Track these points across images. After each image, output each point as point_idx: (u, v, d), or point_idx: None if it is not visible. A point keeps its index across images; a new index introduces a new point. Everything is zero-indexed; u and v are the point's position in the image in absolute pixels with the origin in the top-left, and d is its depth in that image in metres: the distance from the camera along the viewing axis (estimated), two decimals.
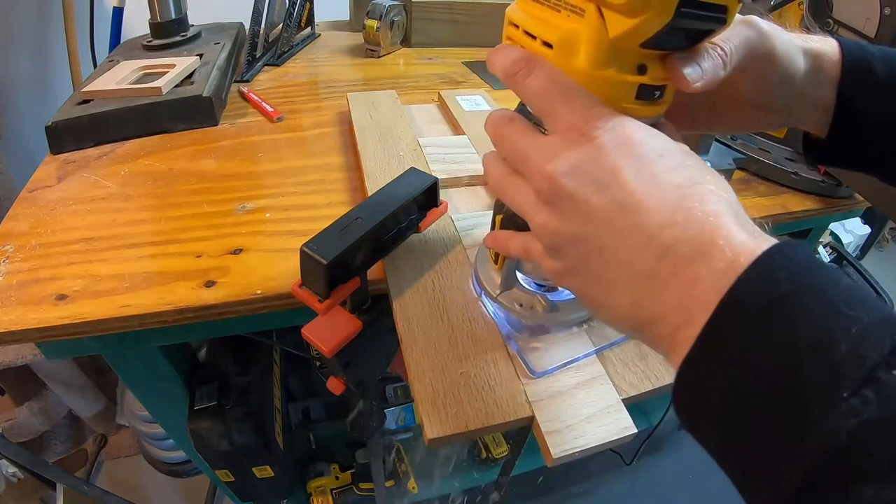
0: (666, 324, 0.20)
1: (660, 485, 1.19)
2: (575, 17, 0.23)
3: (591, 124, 0.22)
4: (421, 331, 0.35)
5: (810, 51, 0.30)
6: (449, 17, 0.92)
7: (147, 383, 0.56)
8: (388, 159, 0.52)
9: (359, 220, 0.36)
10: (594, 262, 0.23)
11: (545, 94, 0.24)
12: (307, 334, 0.35)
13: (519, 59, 0.25)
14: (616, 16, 0.21)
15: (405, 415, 1.01)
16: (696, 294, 0.19)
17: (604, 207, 0.22)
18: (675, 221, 0.20)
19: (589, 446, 0.30)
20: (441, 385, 0.32)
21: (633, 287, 0.21)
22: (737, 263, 0.19)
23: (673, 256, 0.20)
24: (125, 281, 0.41)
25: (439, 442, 0.30)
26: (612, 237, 0.22)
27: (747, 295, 0.18)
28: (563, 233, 0.23)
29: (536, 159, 0.24)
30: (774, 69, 0.28)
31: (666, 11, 0.21)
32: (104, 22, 1.04)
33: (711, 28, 0.23)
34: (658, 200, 0.21)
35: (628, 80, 0.23)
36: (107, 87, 0.61)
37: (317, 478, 0.96)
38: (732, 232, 0.20)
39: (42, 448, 1.08)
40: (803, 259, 0.19)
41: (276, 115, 0.66)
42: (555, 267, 0.25)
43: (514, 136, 0.25)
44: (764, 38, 0.27)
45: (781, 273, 0.18)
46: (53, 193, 0.51)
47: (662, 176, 0.21)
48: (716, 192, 0.21)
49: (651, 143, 0.22)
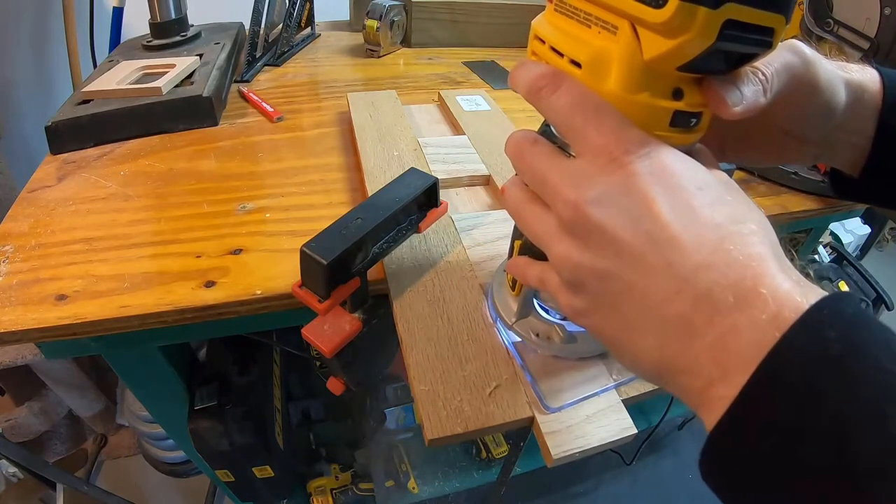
0: (698, 376, 0.19)
1: (660, 485, 1.19)
2: (606, 35, 0.21)
3: (624, 148, 0.20)
4: (421, 331, 0.35)
5: (851, 82, 0.28)
6: (449, 17, 0.92)
7: (147, 383, 0.56)
8: (388, 159, 0.52)
9: (359, 221, 0.36)
10: (620, 301, 0.21)
11: (573, 113, 0.22)
12: (307, 334, 0.35)
13: (545, 73, 0.23)
14: (653, 36, 0.20)
15: (405, 415, 1.01)
16: (735, 347, 0.18)
17: (634, 242, 0.20)
18: (713, 263, 0.18)
19: (589, 447, 0.30)
20: (441, 385, 0.32)
21: (663, 333, 0.19)
22: (781, 317, 0.17)
23: (710, 302, 0.18)
24: (125, 281, 0.41)
25: (439, 442, 0.30)
26: (642, 276, 0.20)
27: (793, 356, 0.16)
28: (585, 266, 0.21)
29: (560, 184, 0.22)
30: (816, 100, 0.26)
31: (709, 33, 0.19)
32: (104, 22, 1.04)
33: (755, 52, 0.21)
34: (695, 238, 0.19)
35: (663, 105, 0.22)
36: (107, 87, 0.61)
37: (317, 478, 0.96)
38: (777, 280, 0.18)
39: (42, 448, 1.08)
40: (853, 315, 0.17)
41: (276, 115, 0.66)
42: (573, 303, 0.23)
43: (537, 159, 0.23)
44: (808, 65, 0.25)
45: (831, 332, 0.16)
46: (53, 194, 0.51)
47: (701, 211, 0.19)
48: (758, 232, 0.19)
49: (689, 174, 0.20)
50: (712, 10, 0.18)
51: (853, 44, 0.58)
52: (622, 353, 0.22)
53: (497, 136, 0.58)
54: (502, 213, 0.47)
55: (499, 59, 0.91)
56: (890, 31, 0.54)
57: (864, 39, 0.57)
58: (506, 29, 0.95)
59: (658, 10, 0.19)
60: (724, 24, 0.18)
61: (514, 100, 0.73)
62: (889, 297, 1.25)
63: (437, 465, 1.02)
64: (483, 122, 0.61)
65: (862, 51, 0.57)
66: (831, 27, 0.60)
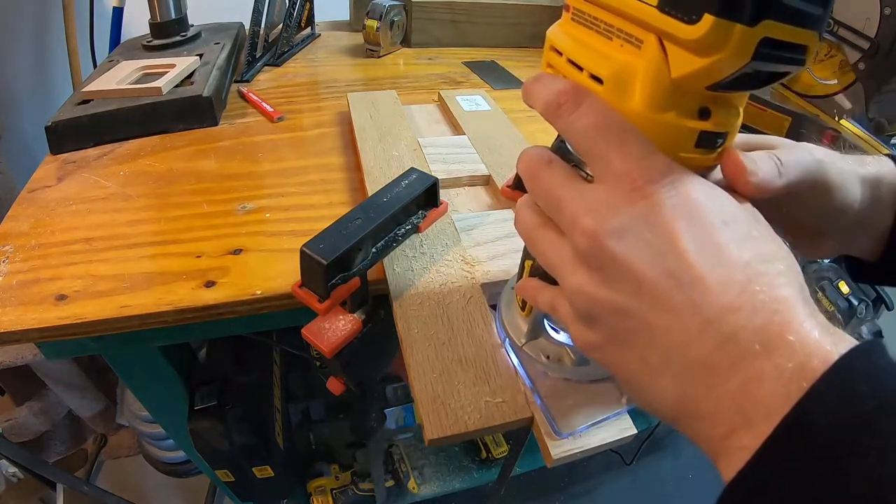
0: (718, 423, 0.18)
1: (660, 485, 1.19)
2: (630, 49, 0.20)
3: (648, 177, 0.19)
4: (421, 331, 0.35)
5: (867, 177, 0.27)
6: (449, 17, 0.92)
7: (147, 383, 0.56)
8: (388, 159, 0.52)
9: (359, 221, 0.36)
10: (637, 339, 0.20)
11: (595, 135, 0.20)
12: (307, 334, 0.35)
13: (565, 89, 0.21)
14: (682, 53, 0.18)
15: (405, 415, 1.01)
16: (759, 396, 0.17)
17: (657, 280, 0.19)
18: (740, 306, 0.17)
19: (589, 447, 0.30)
20: (441, 385, 0.32)
21: (683, 375, 0.18)
22: (809, 366, 0.16)
23: (734, 346, 0.17)
24: (125, 281, 0.41)
25: (439, 442, 0.30)
26: (663, 315, 0.19)
27: (822, 410, 0.16)
28: (601, 301, 0.20)
29: (579, 212, 0.20)
30: (831, 198, 0.26)
31: (744, 52, 0.17)
32: (104, 22, 1.04)
33: (788, 71, 0.19)
34: (721, 278, 0.18)
35: (689, 125, 0.20)
36: (107, 87, 0.61)
37: (317, 478, 0.96)
38: (805, 327, 0.17)
39: (42, 448, 1.08)
40: (886, 367, 0.16)
41: (277, 115, 0.66)
42: (585, 337, 0.22)
43: (553, 182, 0.22)
44: (822, 165, 0.25)
45: (863, 386, 0.16)
46: (53, 193, 0.51)
47: (728, 248, 0.18)
48: (786, 273, 0.18)
49: (716, 207, 0.19)
50: (750, 27, 0.17)
51: (853, 44, 0.58)
52: (636, 391, 0.21)
53: (497, 136, 0.58)
54: (502, 213, 0.47)
55: (499, 59, 0.91)
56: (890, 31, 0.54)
57: (864, 39, 0.57)
58: (506, 29, 0.95)
59: (691, 27, 0.17)
60: (760, 43, 0.17)
61: (514, 100, 0.73)
62: (889, 297, 1.25)
63: (437, 465, 1.02)
64: (483, 122, 0.61)
65: (862, 51, 0.57)
66: (831, 27, 0.60)
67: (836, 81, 0.63)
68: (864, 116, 0.60)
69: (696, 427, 0.19)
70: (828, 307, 1.27)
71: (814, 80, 0.66)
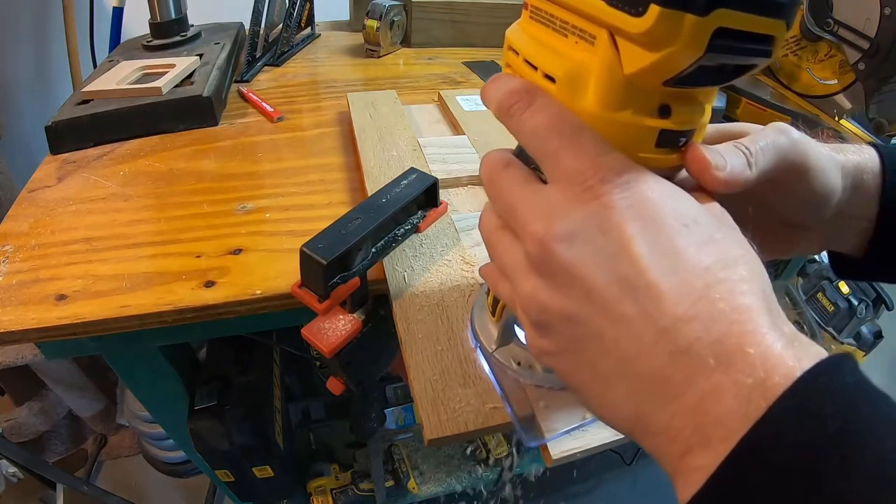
0: (674, 441, 0.17)
1: (660, 485, 1.19)
2: (584, 46, 0.19)
3: (601, 176, 0.18)
4: (421, 331, 0.35)
5: (848, 164, 0.26)
6: (449, 17, 0.92)
7: (147, 383, 0.56)
8: (387, 159, 0.52)
9: (358, 221, 0.36)
10: (589, 349, 0.19)
11: (546, 134, 0.19)
12: (307, 334, 0.35)
13: (517, 89, 0.21)
14: (633, 47, 0.17)
15: (405, 415, 1.01)
16: (716, 414, 0.16)
17: (607, 287, 0.18)
18: (696, 315, 0.16)
19: (589, 447, 0.30)
20: (441, 385, 0.32)
21: (636, 388, 0.17)
22: (770, 383, 0.15)
23: (690, 359, 0.16)
24: (125, 281, 0.41)
25: (439, 442, 0.30)
26: (614, 324, 0.18)
27: (782, 432, 0.15)
28: (553, 309, 0.19)
29: (528, 216, 0.19)
30: (809, 183, 0.24)
31: (697, 44, 0.16)
32: (104, 22, 1.04)
33: (752, 63, 0.18)
34: (678, 285, 0.17)
35: (648, 124, 0.19)
36: (107, 87, 0.61)
37: (317, 478, 0.96)
38: (767, 338, 0.16)
39: (42, 448, 1.08)
40: (853, 386, 0.15)
41: (276, 115, 0.66)
42: (539, 343, 0.21)
43: (508, 185, 0.21)
44: (796, 145, 0.23)
45: (827, 406, 0.15)
46: (53, 193, 0.51)
47: (685, 253, 0.17)
48: (749, 279, 0.17)
49: (674, 208, 0.18)
50: (701, 17, 0.16)
51: (853, 44, 0.58)
52: (593, 405, 0.20)
53: (497, 136, 0.58)
54: None
55: (499, 59, 0.91)
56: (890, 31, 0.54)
57: (864, 39, 0.57)
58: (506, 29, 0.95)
59: (637, 19, 0.16)
60: (714, 34, 0.16)
61: None
62: (889, 297, 1.25)
63: (437, 465, 1.02)
64: (483, 122, 0.61)
65: (862, 51, 0.57)
66: (831, 27, 0.60)
67: (836, 81, 0.63)
68: (864, 116, 0.60)
69: (652, 442, 0.18)
70: (828, 307, 1.27)
71: (814, 80, 0.66)
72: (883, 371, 1.52)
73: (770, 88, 0.70)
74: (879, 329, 1.30)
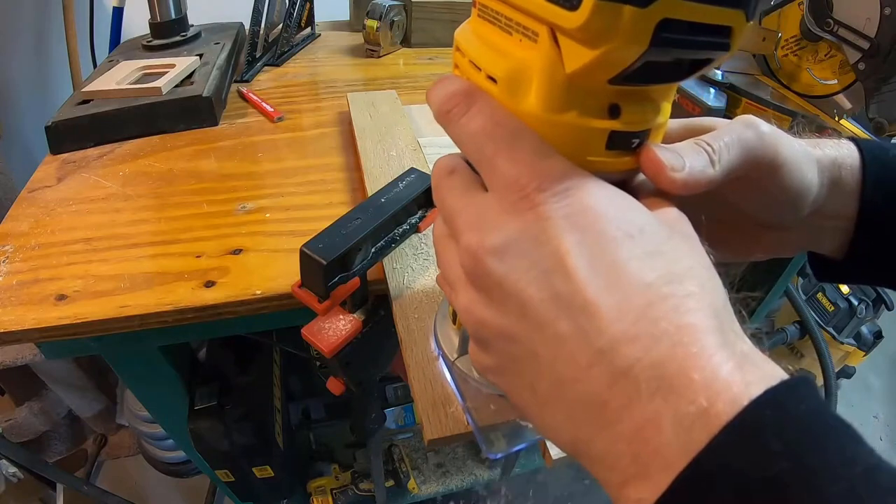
0: (614, 469, 0.16)
1: None
2: (528, 44, 0.17)
3: (538, 183, 0.17)
4: (421, 331, 0.35)
5: (824, 159, 0.25)
6: (449, 17, 0.92)
7: (147, 383, 0.56)
8: (387, 159, 0.52)
9: (358, 221, 0.36)
10: (526, 368, 0.18)
11: (483, 138, 0.18)
12: (307, 335, 0.35)
13: (456, 92, 0.19)
14: (572, 44, 0.16)
15: (405, 415, 1.01)
16: (655, 444, 0.14)
17: (542, 303, 0.16)
18: (636, 335, 0.15)
19: None
20: (441, 385, 0.32)
21: (573, 411, 0.16)
22: (713, 412, 0.14)
23: (628, 383, 0.15)
24: (125, 281, 0.41)
25: (439, 443, 0.30)
26: (548, 344, 0.16)
27: (723, 467, 0.13)
28: (488, 324, 0.18)
29: (463, 226, 0.18)
30: (781, 179, 0.23)
31: (640, 38, 0.15)
32: (104, 22, 1.04)
33: (708, 57, 0.17)
34: (617, 303, 0.16)
35: (596, 126, 0.18)
36: (107, 87, 0.61)
37: (317, 478, 0.96)
38: (713, 361, 0.15)
39: (42, 448, 1.08)
40: (805, 415, 0.14)
41: (276, 115, 0.66)
42: (481, 360, 0.20)
43: (448, 193, 0.20)
44: (764, 139, 0.22)
45: (775, 441, 0.13)
46: (53, 194, 0.51)
47: (628, 266, 0.16)
48: (699, 294, 0.16)
49: (618, 217, 0.17)
50: (640, 8, 0.14)
51: (853, 44, 0.58)
52: (532, 422, 0.19)
53: None
54: None
55: None
56: (890, 31, 0.54)
57: (864, 39, 0.57)
58: None
59: (573, 13, 0.15)
60: (658, 26, 0.15)
61: None
62: (889, 297, 1.25)
63: (437, 465, 1.02)
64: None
65: (862, 51, 0.57)
66: (831, 27, 0.60)
67: (836, 81, 0.63)
68: (864, 116, 0.60)
69: (592, 469, 0.17)
70: (828, 307, 1.27)
71: (814, 80, 0.66)
72: (883, 371, 1.52)
73: (770, 88, 0.70)
74: (879, 329, 1.30)
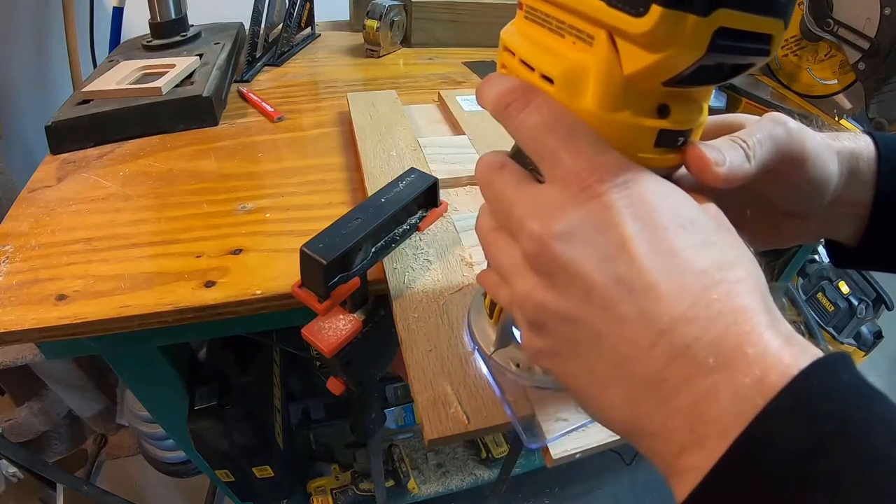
0: (669, 441, 0.17)
1: (660, 485, 1.19)
2: (582, 46, 0.19)
3: (598, 176, 0.18)
4: (421, 331, 0.35)
5: (843, 151, 0.26)
6: (449, 17, 0.92)
7: (147, 383, 0.56)
8: (388, 159, 0.52)
9: (358, 221, 0.36)
10: (586, 350, 0.18)
11: (543, 133, 0.19)
12: (307, 334, 0.35)
13: (514, 88, 0.21)
14: (633, 48, 0.17)
15: (405, 415, 1.01)
16: (712, 414, 0.16)
17: (606, 286, 0.17)
18: (694, 317, 0.16)
19: (589, 447, 0.30)
20: (441, 385, 0.32)
21: (632, 389, 0.17)
22: (766, 382, 0.15)
23: (687, 360, 0.16)
24: (125, 281, 0.41)
25: (439, 443, 0.30)
26: (612, 325, 0.17)
27: (778, 430, 0.15)
28: (549, 307, 0.19)
29: (525, 214, 0.19)
30: (807, 171, 0.24)
31: (699, 44, 0.16)
32: (104, 22, 1.04)
33: (751, 62, 0.18)
34: (676, 287, 0.17)
35: (647, 124, 0.19)
36: (107, 87, 0.61)
37: (317, 478, 0.96)
38: (764, 339, 0.16)
39: (42, 448, 1.08)
40: (850, 384, 0.15)
41: (277, 115, 0.66)
42: (534, 343, 0.21)
43: (503, 185, 0.21)
44: (792, 135, 0.23)
45: (823, 405, 0.15)
46: (53, 194, 0.51)
47: (684, 254, 0.17)
48: (747, 280, 0.17)
49: (673, 209, 0.18)
50: (702, 17, 0.16)
51: (853, 44, 0.58)
52: (589, 405, 0.20)
53: (497, 136, 0.58)
54: None
55: None
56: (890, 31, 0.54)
57: (864, 39, 0.57)
58: None
59: (639, 20, 0.16)
60: (715, 34, 0.16)
61: None
62: (889, 297, 1.25)
63: (437, 465, 1.02)
64: (483, 122, 0.60)
65: (862, 51, 0.57)
66: (831, 27, 0.60)
67: (836, 81, 0.63)
68: (864, 116, 0.60)
69: (648, 443, 0.18)
70: (828, 307, 1.27)
71: (814, 80, 0.66)
72: (883, 371, 1.52)
73: (770, 88, 0.70)
74: (879, 329, 1.30)
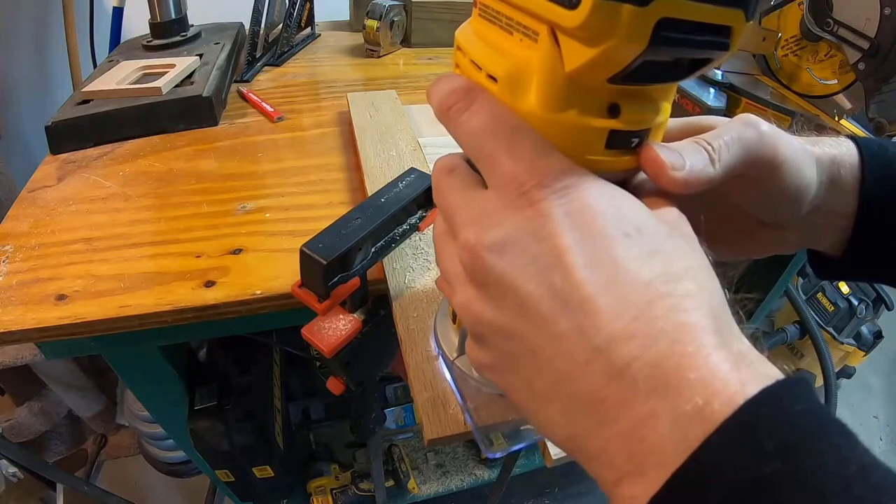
0: (609, 467, 0.16)
1: None
2: (528, 43, 0.18)
3: (538, 180, 0.17)
4: (421, 331, 0.35)
5: (823, 157, 0.25)
6: (449, 17, 0.92)
7: (147, 383, 0.56)
8: (387, 159, 0.52)
9: (358, 221, 0.36)
10: (524, 364, 0.18)
11: (483, 136, 0.18)
12: (307, 334, 0.35)
13: (456, 89, 0.20)
14: (573, 43, 0.16)
15: (405, 415, 1.01)
16: (652, 442, 0.15)
17: (541, 300, 0.16)
18: (634, 333, 0.15)
19: None
20: (440, 385, 0.32)
21: (570, 409, 0.16)
22: (709, 410, 0.14)
23: (626, 382, 0.15)
24: (125, 281, 0.41)
25: (439, 442, 0.30)
26: (547, 340, 0.17)
27: (719, 464, 0.13)
28: (486, 321, 0.18)
29: (462, 222, 0.19)
30: (780, 178, 0.23)
31: (639, 37, 0.15)
32: (104, 22, 1.04)
33: (708, 57, 0.17)
34: (615, 301, 0.16)
35: (595, 125, 0.18)
36: (107, 87, 0.61)
37: (317, 478, 0.96)
38: (711, 361, 0.15)
39: (42, 448, 1.08)
40: (802, 413, 0.14)
41: (276, 115, 0.66)
42: (478, 357, 0.20)
43: (447, 190, 0.20)
44: (764, 138, 0.22)
45: (769, 442, 0.13)
46: (53, 193, 0.51)
47: (626, 265, 0.16)
48: (697, 294, 0.16)
49: (617, 215, 0.17)
50: (639, 7, 0.14)
51: (853, 44, 0.58)
52: (530, 418, 0.19)
53: None
54: None
55: None
56: (890, 31, 0.54)
57: (864, 39, 0.57)
58: None
59: (572, 12, 0.15)
60: (657, 25, 0.15)
61: None
62: (889, 297, 1.25)
63: (437, 465, 1.02)
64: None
65: (862, 51, 0.57)
66: (831, 27, 0.60)
67: (836, 81, 0.63)
68: (864, 116, 0.60)
69: (589, 466, 0.17)
70: (828, 307, 1.27)
71: (814, 80, 0.66)
72: (883, 371, 1.52)
73: (770, 88, 0.70)
74: (879, 329, 1.30)
